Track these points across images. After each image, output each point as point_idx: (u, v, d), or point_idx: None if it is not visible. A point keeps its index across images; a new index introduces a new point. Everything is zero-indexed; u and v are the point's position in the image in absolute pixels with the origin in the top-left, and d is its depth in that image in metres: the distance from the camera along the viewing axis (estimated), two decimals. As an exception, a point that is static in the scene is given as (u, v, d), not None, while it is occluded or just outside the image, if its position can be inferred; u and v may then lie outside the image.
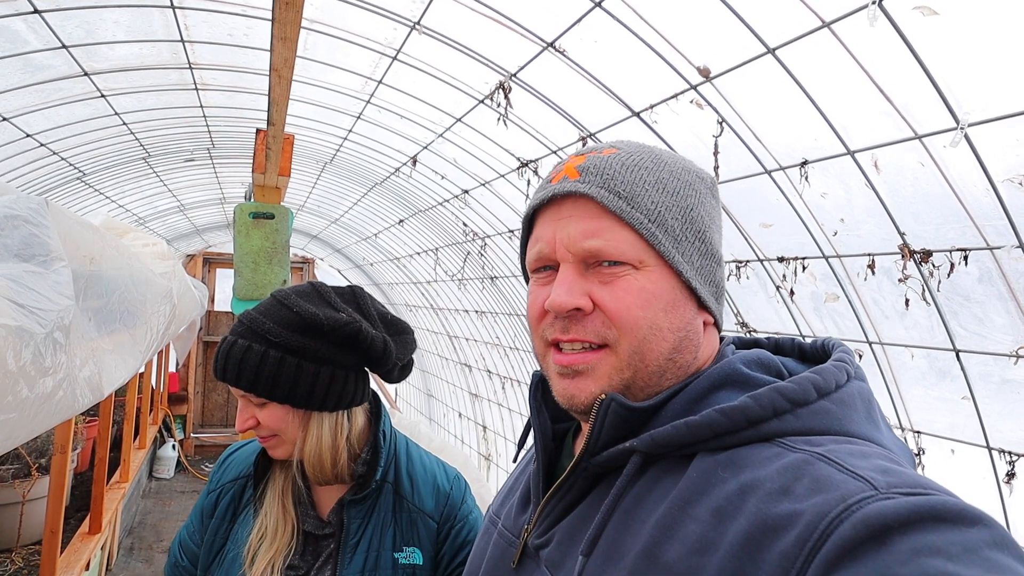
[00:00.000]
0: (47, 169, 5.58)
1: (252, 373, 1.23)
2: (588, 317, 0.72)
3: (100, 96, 4.64)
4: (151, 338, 3.13)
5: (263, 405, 1.26)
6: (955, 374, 3.42)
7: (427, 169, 6.03)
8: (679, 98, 3.45)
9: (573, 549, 0.71)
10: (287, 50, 3.04)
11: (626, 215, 0.72)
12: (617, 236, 0.72)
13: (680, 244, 0.73)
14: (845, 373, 0.68)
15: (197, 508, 1.42)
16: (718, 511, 0.59)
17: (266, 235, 4.01)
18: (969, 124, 2.62)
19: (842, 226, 3.46)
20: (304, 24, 4.01)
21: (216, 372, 1.26)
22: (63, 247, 1.62)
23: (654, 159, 0.76)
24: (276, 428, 1.26)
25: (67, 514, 4.70)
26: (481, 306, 7.66)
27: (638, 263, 0.72)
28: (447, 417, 10.32)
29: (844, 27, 2.64)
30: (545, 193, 0.77)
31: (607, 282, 0.72)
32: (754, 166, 3.50)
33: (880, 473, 0.55)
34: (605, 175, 0.73)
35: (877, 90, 2.78)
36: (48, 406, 1.56)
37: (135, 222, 8.27)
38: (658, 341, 0.71)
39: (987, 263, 3.03)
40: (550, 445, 0.84)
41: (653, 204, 0.73)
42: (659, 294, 0.72)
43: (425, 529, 1.35)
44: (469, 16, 3.55)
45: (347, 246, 11.12)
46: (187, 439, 10.66)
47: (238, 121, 5.75)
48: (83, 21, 3.70)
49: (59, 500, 3.39)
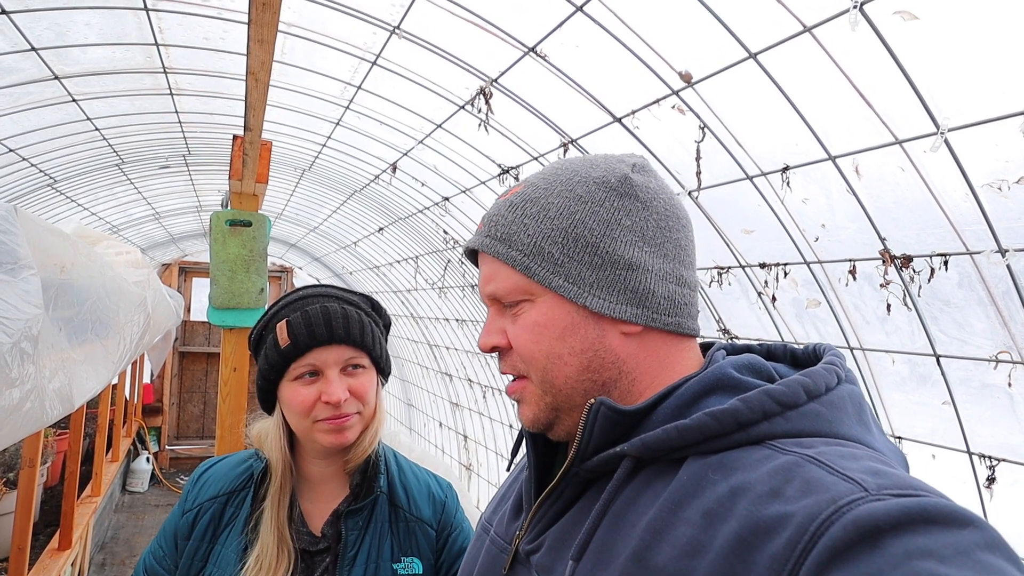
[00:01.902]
0: (16, 175, 5.45)
1: (369, 333, 1.27)
2: (509, 353, 0.79)
3: (71, 100, 4.54)
4: (124, 348, 3.06)
5: (360, 372, 1.27)
6: (936, 379, 3.44)
7: (407, 176, 5.98)
8: (661, 104, 3.45)
9: (563, 554, 0.72)
10: (264, 53, 2.98)
11: (503, 256, 0.77)
12: (503, 277, 0.78)
13: (563, 267, 0.74)
14: (835, 376, 0.68)
15: (168, 531, 1.33)
16: (708, 513, 0.59)
17: (243, 243, 3.93)
18: (949, 129, 2.64)
19: (824, 232, 3.47)
20: (282, 28, 3.95)
21: (333, 331, 1.23)
22: (32, 255, 1.57)
23: (547, 184, 0.79)
24: (366, 398, 1.28)
25: (36, 530, 4.57)
26: (462, 314, 7.61)
27: (529, 296, 0.76)
28: (427, 427, 10.23)
29: (826, 32, 2.65)
30: (465, 247, 0.87)
31: (513, 321, 0.78)
32: (736, 172, 3.51)
33: (871, 475, 0.55)
34: (492, 223, 0.80)
35: (858, 95, 2.80)
36: (15, 418, 1.51)
37: (109, 230, 8.11)
38: (560, 367, 0.75)
39: (967, 268, 3.05)
40: (541, 452, 0.85)
41: (530, 237, 0.75)
42: (550, 323, 0.75)
43: (424, 537, 1.33)
44: (450, 20, 3.51)
45: (326, 255, 11.02)
46: (162, 451, 10.46)
47: (214, 127, 5.66)
48: (53, 23, 3.60)
49: (27, 516, 3.29)
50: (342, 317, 1.24)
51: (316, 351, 1.23)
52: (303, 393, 1.24)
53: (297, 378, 1.25)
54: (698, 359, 0.80)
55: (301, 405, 1.23)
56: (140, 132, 5.55)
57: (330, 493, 1.34)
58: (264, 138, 3.96)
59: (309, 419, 1.24)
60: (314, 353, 1.23)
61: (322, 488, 1.34)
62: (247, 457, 1.39)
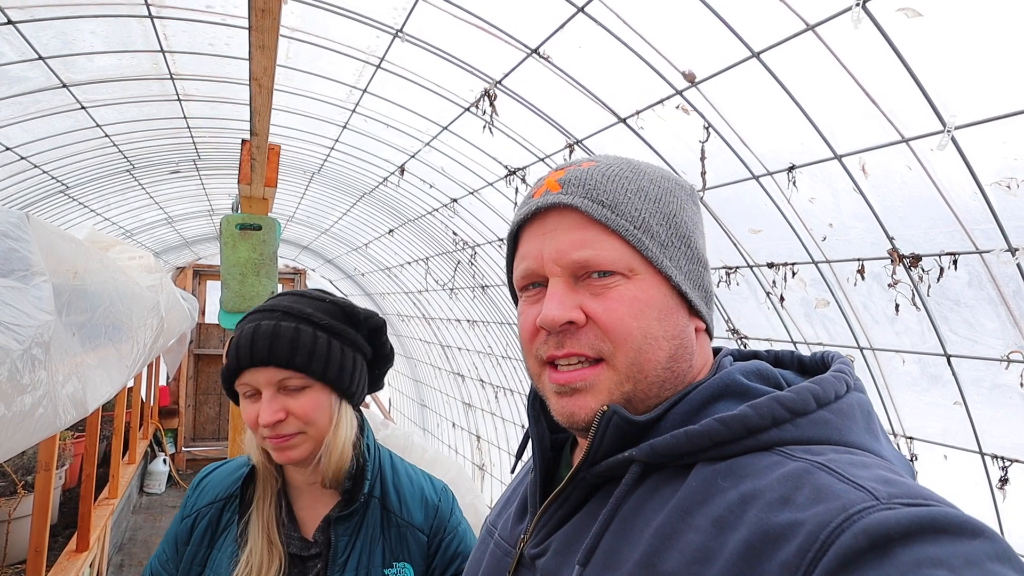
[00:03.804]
0: (29, 183, 5.52)
1: (306, 351, 1.22)
2: (582, 330, 0.71)
3: (80, 108, 4.59)
4: (138, 352, 3.08)
5: (300, 393, 1.23)
6: (947, 379, 3.39)
7: (415, 178, 5.99)
8: (665, 104, 3.42)
9: (570, 559, 0.70)
10: (266, 59, 3.00)
11: (612, 223, 0.71)
12: (605, 245, 0.71)
13: (667, 249, 0.73)
14: (844, 384, 0.68)
15: (171, 536, 1.35)
16: (718, 521, 0.59)
17: (253, 247, 3.96)
18: (956, 127, 2.59)
19: (831, 231, 3.43)
20: (285, 33, 3.97)
21: (256, 353, 1.20)
22: (45, 261, 1.58)
23: (633, 169, 0.76)
24: (309, 419, 1.23)
25: (55, 532, 4.62)
26: (472, 315, 7.62)
27: (628, 272, 0.71)
28: (441, 427, 10.26)
29: (828, 30, 2.61)
30: (528, 208, 0.76)
31: (598, 294, 0.71)
32: (741, 171, 3.47)
33: (881, 483, 0.54)
34: (587, 185, 0.73)
35: (863, 93, 2.76)
36: (27, 424, 1.52)
37: (122, 235, 8.20)
38: (654, 351, 0.71)
39: (976, 267, 3.00)
40: (548, 455, 0.83)
41: (637, 211, 0.72)
42: (651, 302, 0.71)
43: (415, 543, 1.32)
44: (452, 23, 3.51)
45: (338, 256, 11.07)
46: (178, 453, 10.55)
47: (223, 132, 5.70)
48: (59, 32, 3.64)
49: (44, 518, 3.32)
50: (270, 337, 1.21)
51: (249, 372, 1.22)
52: (248, 410, 1.24)
53: (244, 395, 1.26)
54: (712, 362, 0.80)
55: (248, 421, 1.24)
56: (149, 138, 5.61)
57: (322, 499, 1.33)
58: (273, 142, 3.98)
59: (259, 434, 1.24)
60: (249, 373, 1.22)
61: (312, 494, 1.34)
62: (244, 463, 1.40)
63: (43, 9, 3.44)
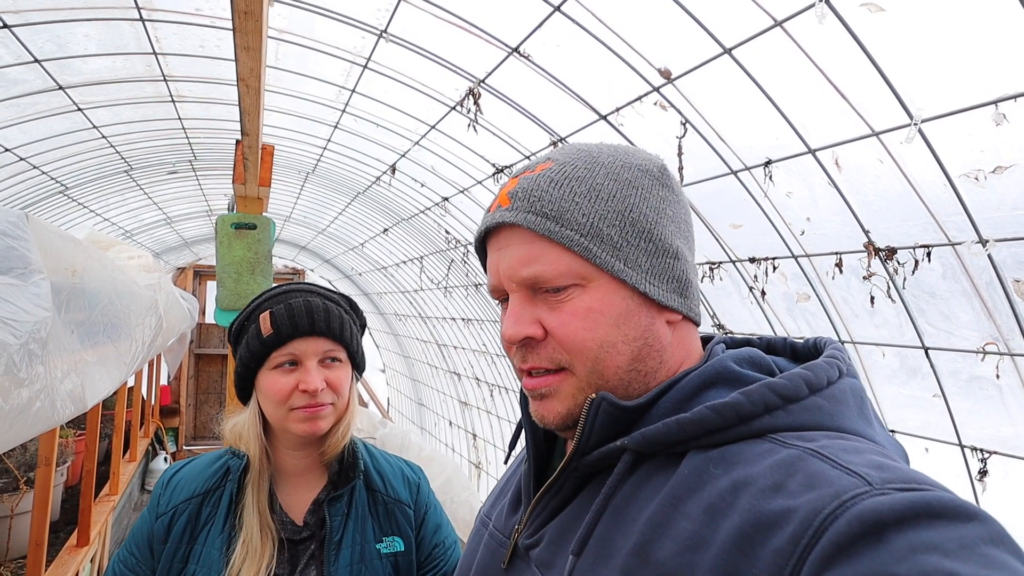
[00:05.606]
0: (29, 183, 5.60)
1: (340, 325, 1.32)
2: (542, 344, 0.72)
3: (77, 110, 4.67)
4: (136, 350, 3.12)
5: (335, 365, 1.32)
6: (925, 372, 3.42)
7: (407, 177, 6.05)
8: (643, 100, 3.47)
9: (563, 548, 0.71)
10: (252, 60, 3.05)
11: (556, 236, 0.70)
12: (552, 259, 0.70)
13: (621, 251, 0.71)
14: (837, 370, 0.68)
15: (141, 537, 1.33)
16: (710, 508, 0.59)
17: (248, 246, 4.02)
18: (923, 120, 2.64)
19: (809, 225, 3.47)
20: (273, 34, 4.04)
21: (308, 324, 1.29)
22: (44, 260, 1.61)
23: (588, 165, 0.74)
24: (340, 390, 1.32)
25: (57, 528, 4.68)
26: (467, 313, 7.67)
27: (581, 281, 0.70)
28: (438, 426, 10.31)
29: (796, 25, 2.66)
30: (484, 224, 0.77)
31: (554, 308, 0.71)
32: (720, 167, 3.52)
33: (874, 469, 0.54)
34: (532, 197, 0.72)
35: (833, 88, 2.80)
36: (24, 417, 1.54)
37: (122, 235, 8.27)
38: (613, 357, 0.70)
39: (950, 259, 3.03)
40: (541, 446, 0.84)
41: (585, 216, 0.71)
42: (606, 310, 0.70)
43: (403, 517, 1.39)
44: (434, 23, 3.57)
45: (335, 256, 11.14)
46: (179, 452, 10.62)
47: (217, 132, 5.77)
48: (53, 35, 3.72)
49: (44, 512, 3.37)
50: (323, 311, 1.30)
51: (297, 341, 1.29)
52: (281, 381, 1.29)
53: (277, 367, 1.30)
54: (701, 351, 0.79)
55: (279, 393, 1.28)
56: (146, 139, 5.69)
57: (307, 484, 1.38)
58: (266, 142, 4.04)
59: (285, 407, 1.29)
60: (295, 343, 1.28)
61: (298, 480, 1.38)
62: (219, 456, 1.42)
63: (37, 13, 3.51)
